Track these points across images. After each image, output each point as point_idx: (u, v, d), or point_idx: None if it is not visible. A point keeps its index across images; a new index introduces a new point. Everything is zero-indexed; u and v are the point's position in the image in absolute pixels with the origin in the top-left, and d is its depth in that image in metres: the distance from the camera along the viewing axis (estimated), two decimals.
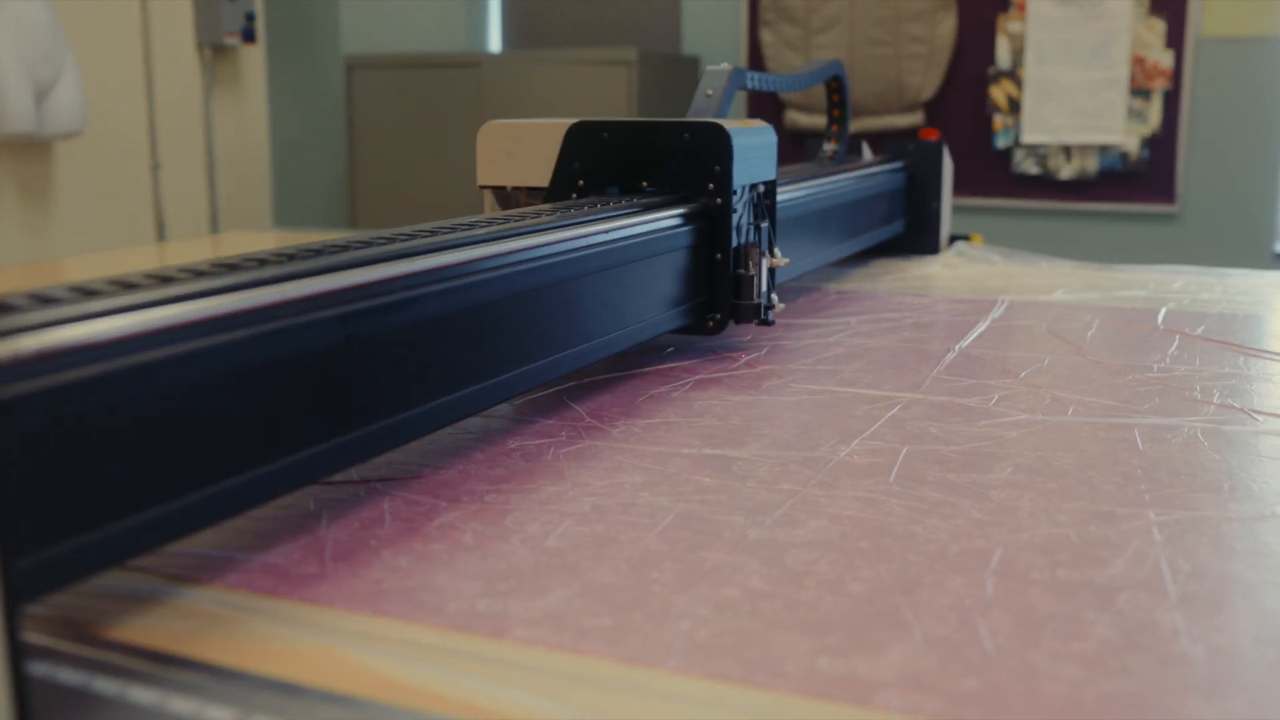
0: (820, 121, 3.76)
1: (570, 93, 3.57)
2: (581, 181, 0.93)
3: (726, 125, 0.89)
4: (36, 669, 0.41)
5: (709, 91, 1.02)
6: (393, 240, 0.62)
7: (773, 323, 0.95)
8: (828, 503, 0.61)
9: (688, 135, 0.90)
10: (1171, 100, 3.47)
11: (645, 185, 0.92)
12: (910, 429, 0.75)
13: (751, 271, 0.92)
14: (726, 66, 1.04)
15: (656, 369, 0.90)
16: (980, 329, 1.07)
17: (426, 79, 3.76)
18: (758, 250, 0.92)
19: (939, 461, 0.68)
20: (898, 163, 1.58)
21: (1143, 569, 0.52)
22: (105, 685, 0.40)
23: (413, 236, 0.64)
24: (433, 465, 0.66)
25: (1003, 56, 3.62)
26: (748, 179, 0.93)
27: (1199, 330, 1.07)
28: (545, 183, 0.94)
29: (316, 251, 0.56)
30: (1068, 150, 3.58)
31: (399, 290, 0.58)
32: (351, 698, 0.40)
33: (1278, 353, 0.98)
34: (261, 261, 0.53)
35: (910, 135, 3.60)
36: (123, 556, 0.44)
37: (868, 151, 1.65)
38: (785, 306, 1.09)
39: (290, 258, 0.54)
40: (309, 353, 0.52)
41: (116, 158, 2.75)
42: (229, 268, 0.51)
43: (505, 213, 0.81)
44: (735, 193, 0.91)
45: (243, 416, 0.48)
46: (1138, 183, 3.54)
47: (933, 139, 1.61)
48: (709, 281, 0.92)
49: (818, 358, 0.95)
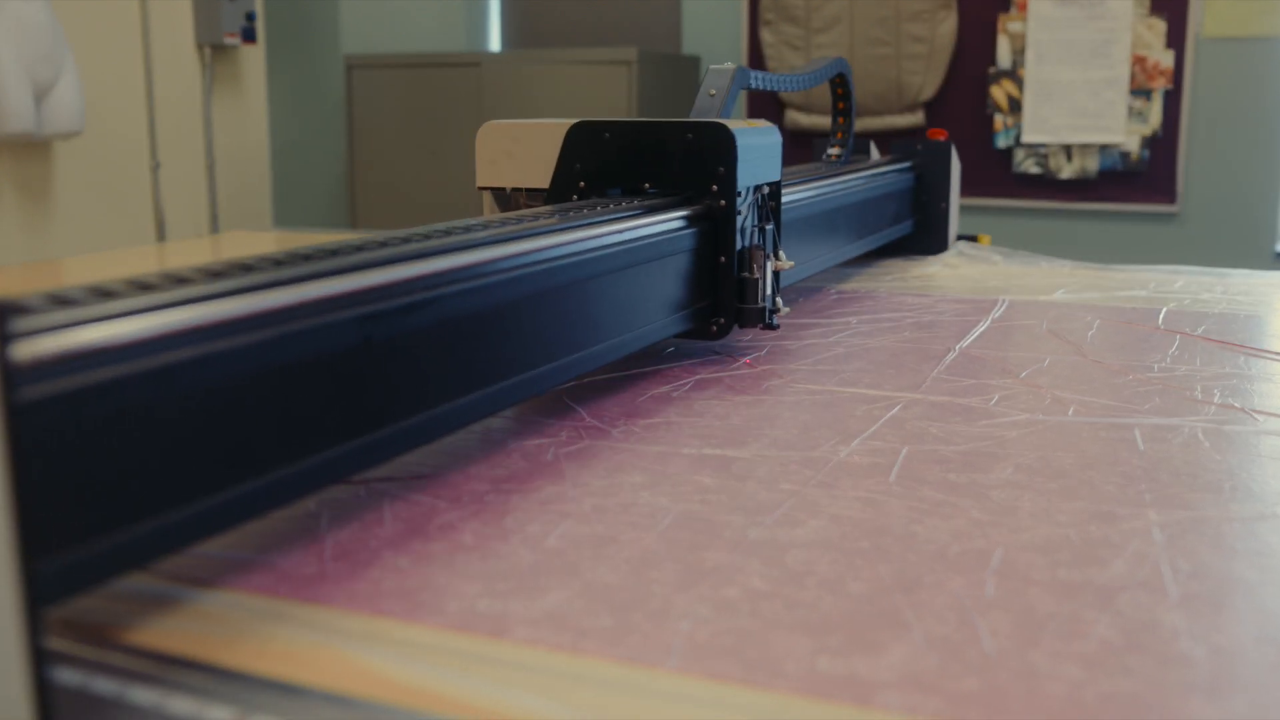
0: (821, 121, 3.76)
1: (570, 93, 3.57)
2: (582, 183, 0.91)
3: (730, 125, 0.88)
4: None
5: (712, 91, 1.01)
6: (408, 240, 0.61)
7: (777, 327, 0.95)
8: (828, 503, 0.61)
9: (691, 136, 0.89)
10: (1172, 100, 3.47)
11: (647, 187, 0.91)
12: (910, 429, 0.75)
13: (756, 275, 0.91)
14: (730, 66, 1.03)
15: (656, 369, 0.90)
16: (981, 329, 1.07)
17: (426, 79, 3.76)
18: (762, 253, 0.91)
19: (939, 461, 0.68)
20: (906, 163, 1.58)
21: (1143, 569, 0.52)
22: (104, 686, 0.40)
23: (428, 237, 0.63)
24: (433, 465, 0.66)
25: (1003, 56, 3.62)
26: (752, 180, 0.92)
27: (1199, 330, 1.07)
28: (545, 184, 0.92)
29: (333, 252, 0.56)
30: (1068, 150, 3.58)
31: (418, 291, 0.58)
32: (351, 698, 0.40)
33: (1278, 353, 0.98)
34: (279, 262, 0.52)
35: (910, 135, 3.60)
36: (143, 560, 0.43)
37: (875, 151, 1.65)
38: (790, 310, 1.09)
39: (307, 258, 0.54)
40: (328, 354, 0.52)
41: (116, 158, 2.75)
42: (246, 268, 0.50)
43: (514, 213, 0.80)
44: (739, 194, 0.89)
45: (263, 419, 0.48)
46: (1138, 182, 3.54)
47: (941, 139, 1.61)
48: (712, 285, 0.91)
49: (818, 358, 0.95)
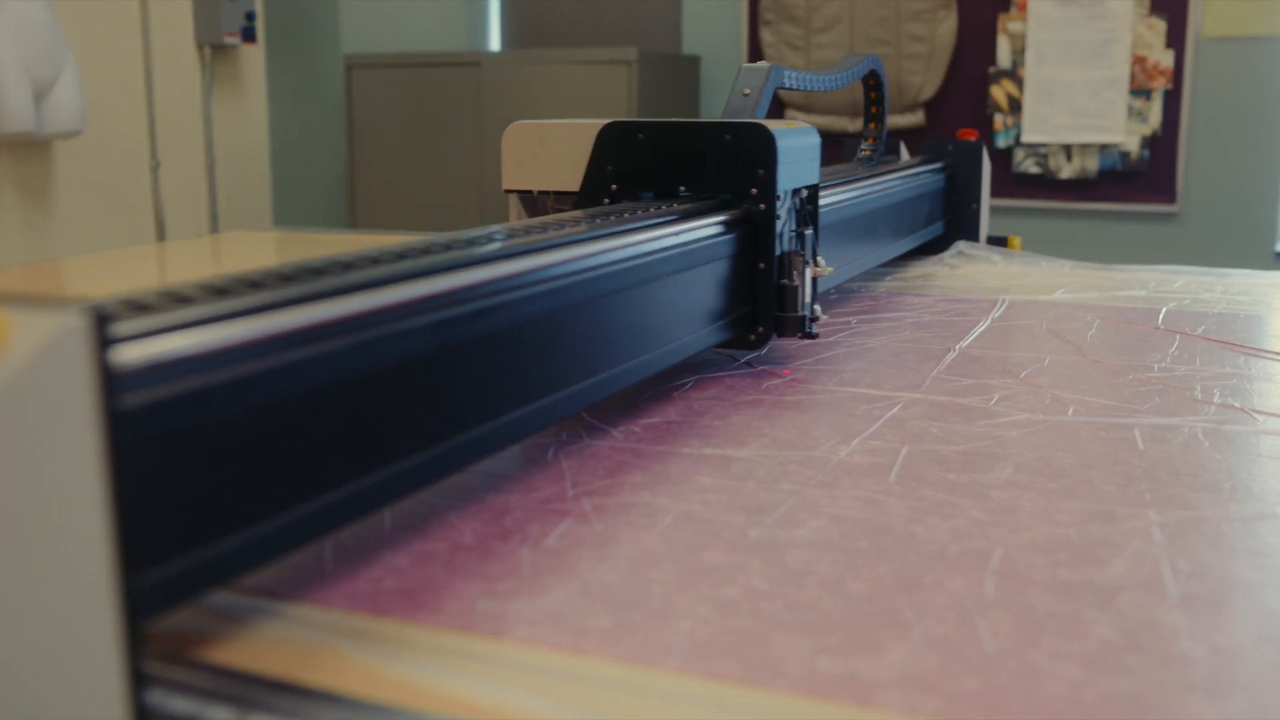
0: (822, 121, 3.75)
1: (570, 92, 3.57)
2: (614, 185, 0.88)
3: (770, 126, 0.85)
4: None
5: (746, 90, 0.97)
6: (471, 243, 0.60)
7: (816, 336, 0.91)
8: (828, 502, 0.61)
9: (729, 137, 0.86)
10: (1172, 100, 3.47)
11: (681, 190, 0.88)
12: (910, 429, 0.75)
13: (795, 281, 0.88)
14: (764, 65, 0.98)
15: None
16: (980, 329, 1.07)
17: (426, 78, 3.76)
18: (801, 259, 0.88)
19: (939, 461, 0.68)
20: (938, 163, 1.58)
21: (1143, 569, 0.52)
22: None
23: (490, 239, 0.62)
24: None
25: (1003, 56, 3.62)
26: (792, 183, 0.89)
27: (1199, 330, 1.07)
28: (575, 187, 0.89)
29: (400, 255, 0.55)
30: (1068, 150, 3.58)
31: (488, 295, 0.57)
32: (352, 698, 0.40)
33: (1278, 352, 0.98)
34: (347, 265, 0.51)
35: (910, 135, 3.60)
36: (231, 574, 0.42)
37: (905, 152, 1.64)
38: (827, 317, 1.06)
39: (376, 261, 0.52)
40: (403, 361, 0.51)
41: (116, 157, 2.75)
42: (317, 271, 0.49)
43: (553, 217, 0.77)
44: (779, 198, 0.86)
45: (342, 428, 0.47)
46: (1138, 182, 3.54)
47: (972, 139, 1.60)
48: (751, 292, 0.88)
49: (817, 357, 0.95)
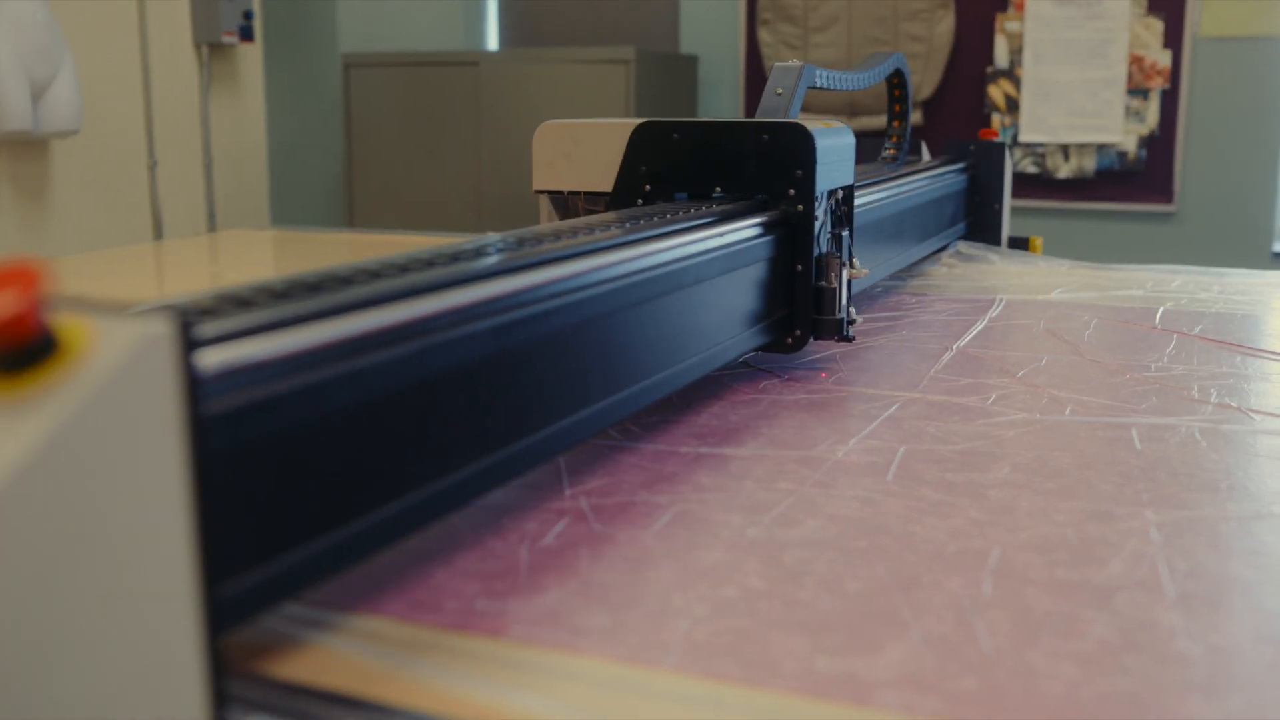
0: (826, 122, 3.75)
1: (569, 92, 3.57)
2: (648, 186, 0.87)
3: (809, 126, 0.85)
4: None
5: (779, 90, 0.95)
6: (522, 244, 0.60)
7: (853, 339, 0.90)
8: (825, 502, 0.61)
9: (767, 137, 0.84)
10: (1169, 99, 3.47)
11: (716, 190, 0.87)
12: (908, 428, 0.75)
13: (833, 283, 0.87)
14: (796, 63, 0.97)
15: None
16: (978, 328, 1.07)
17: (424, 78, 3.75)
18: (838, 261, 0.87)
19: (937, 461, 0.68)
20: (960, 164, 1.58)
21: (1140, 568, 0.52)
22: None
23: (539, 240, 0.61)
24: None
25: (1001, 56, 3.62)
26: (829, 184, 0.88)
27: (1197, 330, 1.07)
28: (607, 187, 0.88)
29: (454, 256, 0.54)
30: (1065, 149, 3.58)
31: (548, 298, 0.56)
32: (352, 698, 0.40)
33: (1275, 352, 0.98)
34: (403, 268, 0.50)
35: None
36: (306, 584, 0.42)
37: (926, 152, 1.64)
38: (862, 320, 1.05)
39: (430, 263, 0.52)
40: (465, 365, 0.50)
41: (113, 156, 2.75)
42: (374, 274, 0.48)
43: (594, 218, 0.75)
44: (817, 199, 0.86)
45: (410, 433, 0.47)
46: (1136, 182, 3.54)
47: (993, 139, 1.60)
48: (788, 295, 0.87)
49: (815, 357, 0.95)
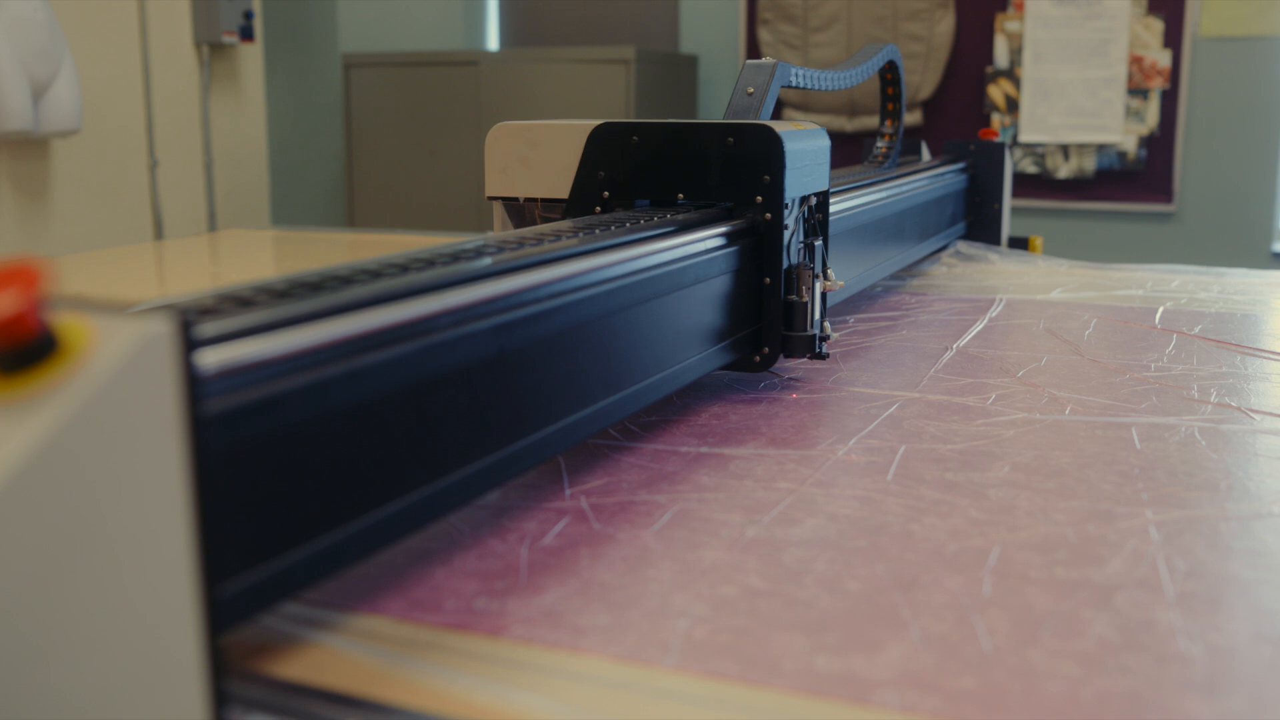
0: (821, 121, 3.76)
1: (568, 92, 3.57)
2: (606, 193, 0.82)
3: (777, 128, 0.79)
4: None
5: (750, 89, 0.89)
6: (521, 245, 0.59)
7: (826, 356, 0.85)
8: (825, 501, 0.61)
9: (732, 139, 0.79)
10: (1169, 99, 3.47)
11: (680, 197, 0.81)
12: (908, 428, 0.75)
13: (804, 297, 0.81)
14: (769, 61, 0.91)
15: None
16: (978, 328, 1.07)
17: (424, 77, 3.75)
18: (810, 272, 0.82)
19: (936, 460, 0.68)
20: (960, 164, 1.57)
21: (1140, 568, 0.52)
22: None
23: (540, 241, 0.61)
24: None
25: (1001, 56, 3.62)
26: (800, 190, 0.82)
27: (1196, 329, 1.07)
28: (564, 194, 0.83)
29: (454, 256, 0.54)
30: (1065, 149, 3.58)
31: (547, 298, 0.56)
32: (351, 697, 0.40)
33: (1275, 352, 0.98)
34: (404, 267, 0.50)
35: (908, 135, 3.60)
36: (306, 583, 0.42)
37: (926, 152, 1.64)
38: (837, 336, 0.99)
39: (430, 263, 0.52)
40: (467, 365, 0.50)
41: (114, 156, 2.75)
42: (375, 274, 0.48)
43: (540, 229, 0.70)
44: (787, 206, 0.80)
45: (412, 433, 0.47)
46: (1135, 182, 3.54)
47: (994, 139, 1.60)
48: (756, 310, 0.82)
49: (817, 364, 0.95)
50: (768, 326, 0.82)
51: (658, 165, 0.81)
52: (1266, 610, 0.48)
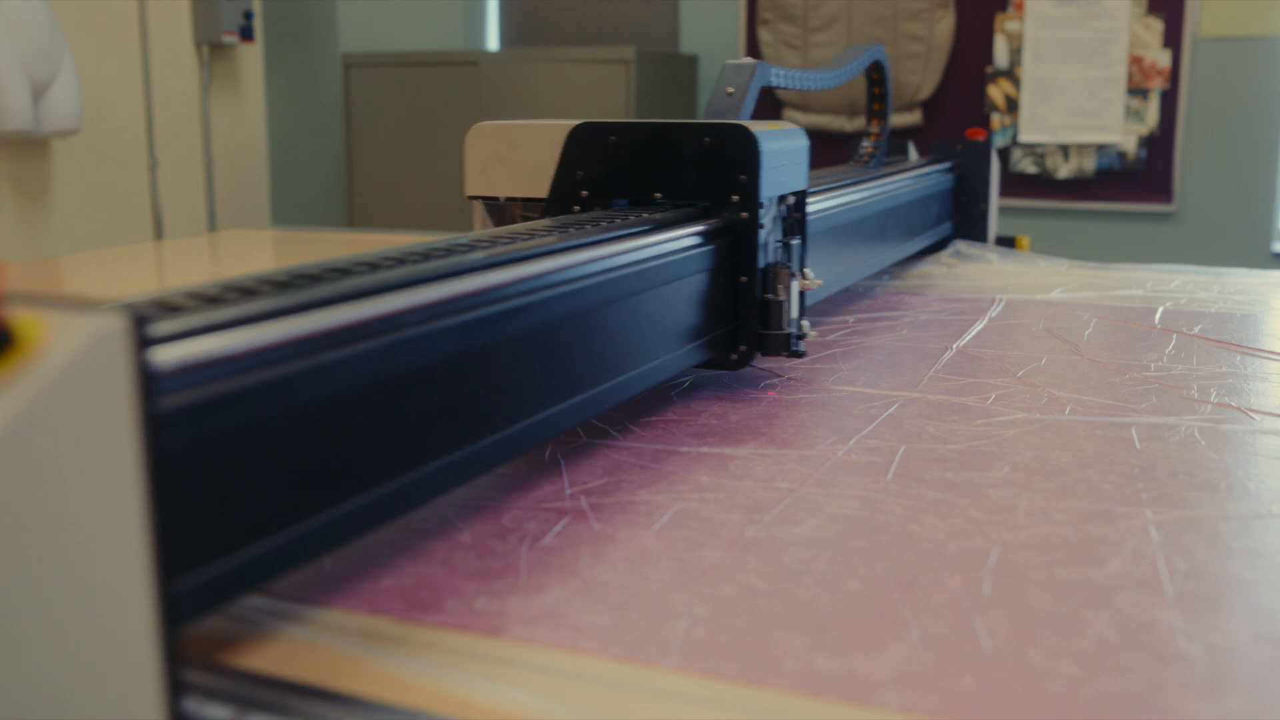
0: (820, 121, 3.76)
1: (568, 92, 3.57)
2: (585, 192, 0.82)
3: (753, 128, 0.80)
4: None
5: (730, 89, 0.90)
6: (494, 244, 0.60)
7: (803, 354, 0.85)
8: (825, 501, 0.61)
9: (709, 139, 0.80)
10: (1169, 99, 3.47)
11: (657, 196, 0.82)
12: (908, 428, 0.75)
13: (781, 296, 0.82)
14: (749, 61, 0.92)
15: None
16: (978, 328, 1.07)
17: (424, 77, 3.75)
18: (787, 272, 0.82)
19: (936, 460, 0.68)
20: (946, 163, 1.57)
21: (1140, 568, 0.52)
22: None
23: (513, 240, 0.61)
24: None
25: (1000, 56, 3.62)
26: (777, 189, 0.83)
27: (1196, 329, 1.07)
28: (543, 193, 0.84)
29: (424, 255, 0.55)
30: (1065, 149, 3.58)
31: (516, 296, 0.56)
32: (351, 697, 0.40)
33: (1275, 352, 0.99)
34: (374, 265, 0.51)
35: (908, 135, 3.60)
36: (266, 577, 0.42)
37: (913, 151, 1.64)
38: (816, 335, 0.99)
39: (401, 261, 0.52)
40: (434, 363, 0.50)
41: (114, 156, 2.75)
42: (344, 271, 0.49)
43: (516, 228, 0.71)
44: (762, 205, 0.81)
45: (375, 430, 0.47)
46: (1135, 182, 3.54)
47: (980, 139, 1.60)
48: (732, 309, 0.82)
49: (815, 356, 0.95)
50: (744, 325, 0.83)
51: (636, 165, 0.82)
52: (1266, 610, 0.48)
